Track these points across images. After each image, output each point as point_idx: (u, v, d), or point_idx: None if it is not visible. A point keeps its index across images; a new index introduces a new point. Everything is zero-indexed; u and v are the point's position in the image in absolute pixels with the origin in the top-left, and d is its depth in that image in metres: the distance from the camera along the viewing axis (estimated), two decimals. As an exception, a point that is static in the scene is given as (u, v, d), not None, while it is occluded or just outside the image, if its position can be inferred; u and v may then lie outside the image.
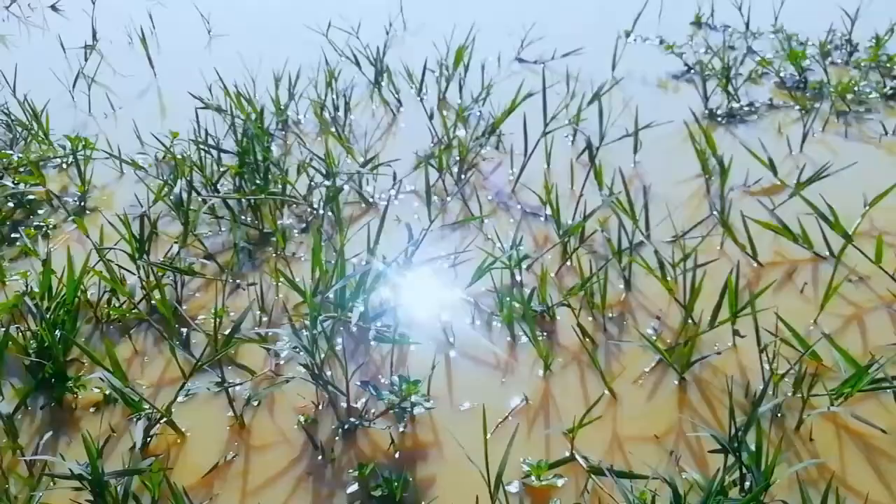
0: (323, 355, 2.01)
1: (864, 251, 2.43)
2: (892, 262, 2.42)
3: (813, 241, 2.51)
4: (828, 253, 2.49)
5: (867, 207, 2.66)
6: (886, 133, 3.28)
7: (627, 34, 4.52)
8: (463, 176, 3.09)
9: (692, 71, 4.00)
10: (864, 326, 2.21)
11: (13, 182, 3.00)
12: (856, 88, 3.56)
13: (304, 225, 2.82)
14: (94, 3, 5.11)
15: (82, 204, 3.01)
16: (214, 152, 3.06)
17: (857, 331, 2.19)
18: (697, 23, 4.69)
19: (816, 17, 4.59)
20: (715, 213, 2.75)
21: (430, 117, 3.50)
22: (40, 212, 2.97)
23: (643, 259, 2.37)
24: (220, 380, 1.93)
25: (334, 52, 4.36)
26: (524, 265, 2.49)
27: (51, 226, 2.86)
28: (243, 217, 2.82)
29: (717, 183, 2.93)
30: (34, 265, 2.58)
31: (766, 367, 2.01)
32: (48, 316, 2.12)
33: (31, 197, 2.99)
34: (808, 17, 4.65)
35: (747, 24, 4.55)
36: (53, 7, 5.58)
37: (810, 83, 3.70)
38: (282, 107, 3.61)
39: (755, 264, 2.48)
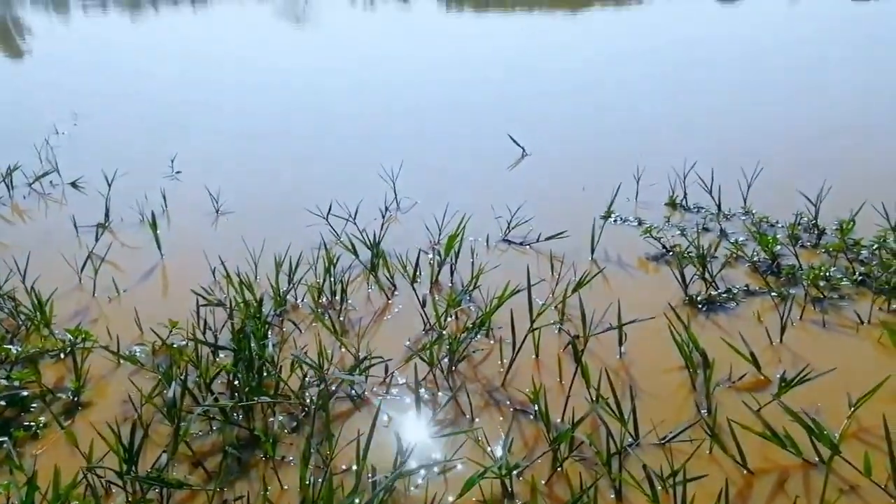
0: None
1: (854, 455, 2.44)
2: (882, 470, 2.43)
3: (801, 445, 2.52)
4: (817, 459, 2.50)
5: (852, 409, 2.72)
6: (862, 322, 3.39)
7: (606, 217, 4.79)
8: (454, 368, 3.15)
9: (670, 253, 4.20)
10: (859, 543, 2.18)
11: (7, 378, 3.03)
12: (827, 274, 3.73)
13: (294, 423, 2.83)
14: (109, 186, 5.41)
15: (76, 399, 3.03)
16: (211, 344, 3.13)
17: (853, 549, 2.16)
18: (672, 204, 4.98)
19: (783, 197, 4.88)
20: (703, 413, 2.79)
21: (423, 305, 3.62)
22: (33, 407, 2.98)
23: (632, 475, 2.38)
24: None
25: (333, 235, 4.59)
26: (515, 473, 2.48)
27: (41, 425, 2.86)
28: (235, 414, 2.84)
29: (702, 376, 2.99)
30: (18, 475, 2.55)
31: None
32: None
33: (24, 393, 3.02)
34: (775, 197, 4.94)
35: (719, 206, 4.84)
36: (74, 184, 5.89)
37: (783, 268, 3.87)
38: (280, 294, 3.74)
39: (745, 472, 2.48)
